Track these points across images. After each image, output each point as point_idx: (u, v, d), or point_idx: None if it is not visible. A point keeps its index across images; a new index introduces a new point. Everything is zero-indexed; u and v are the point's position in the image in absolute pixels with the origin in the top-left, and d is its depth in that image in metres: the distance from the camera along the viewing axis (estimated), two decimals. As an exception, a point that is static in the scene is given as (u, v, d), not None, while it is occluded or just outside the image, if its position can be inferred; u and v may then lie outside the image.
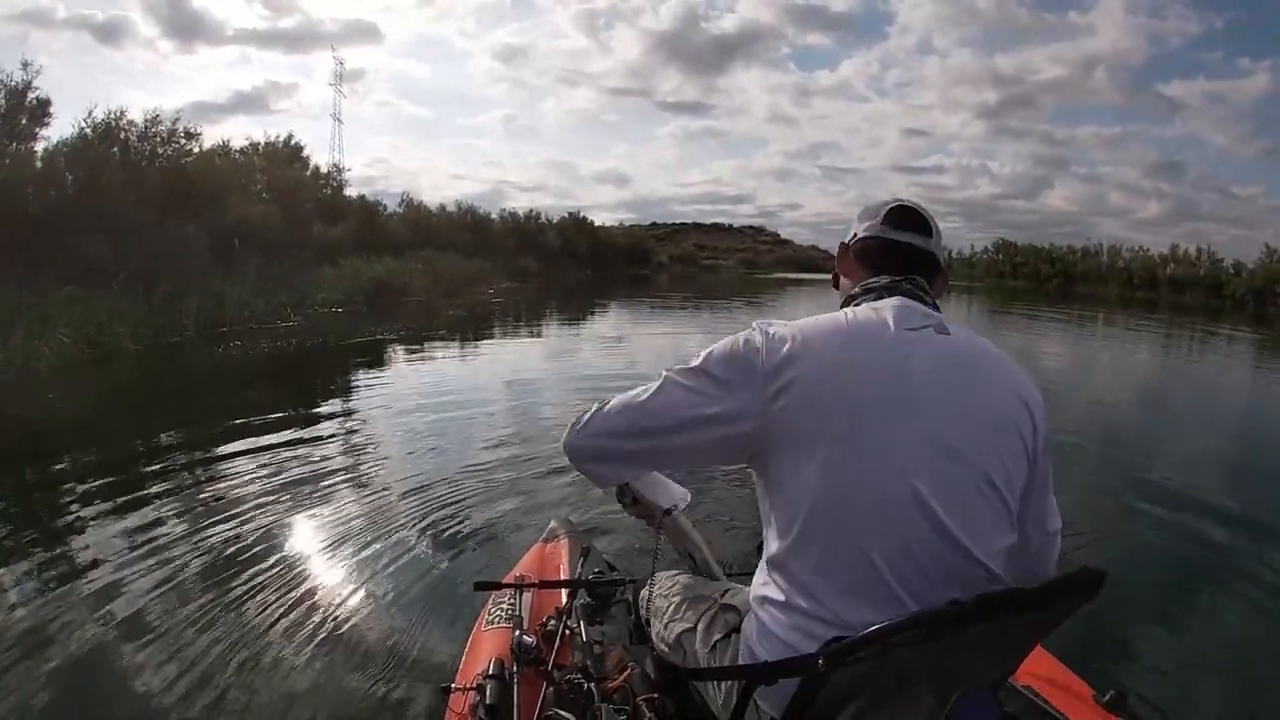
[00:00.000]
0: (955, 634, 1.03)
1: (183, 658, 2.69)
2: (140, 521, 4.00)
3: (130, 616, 2.99)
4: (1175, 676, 2.80)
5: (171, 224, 14.41)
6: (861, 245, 1.44)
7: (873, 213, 1.45)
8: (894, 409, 1.17)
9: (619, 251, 67.52)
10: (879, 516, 1.15)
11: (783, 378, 1.18)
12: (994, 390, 1.25)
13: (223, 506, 4.22)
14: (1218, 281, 49.35)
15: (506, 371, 9.88)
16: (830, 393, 1.17)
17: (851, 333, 1.24)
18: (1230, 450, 7.05)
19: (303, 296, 15.94)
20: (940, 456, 1.16)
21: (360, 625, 2.99)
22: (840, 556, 1.16)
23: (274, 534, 3.89)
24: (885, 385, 1.18)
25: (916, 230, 1.42)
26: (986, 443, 1.20)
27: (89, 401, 7.59)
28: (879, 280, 1.37)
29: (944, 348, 1.24)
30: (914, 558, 1.14)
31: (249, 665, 2.67)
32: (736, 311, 23.65)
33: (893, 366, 1.20)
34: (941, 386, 1.20)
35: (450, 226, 36.47)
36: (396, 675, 2.63)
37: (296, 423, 6.33)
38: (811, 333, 1.23)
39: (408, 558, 3.65)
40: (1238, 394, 11.66)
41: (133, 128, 16.44)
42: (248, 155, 23.53)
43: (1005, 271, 67.20)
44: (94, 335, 9.78)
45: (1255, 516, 4.67)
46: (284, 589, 3.27)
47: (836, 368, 1.19)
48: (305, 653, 2.77)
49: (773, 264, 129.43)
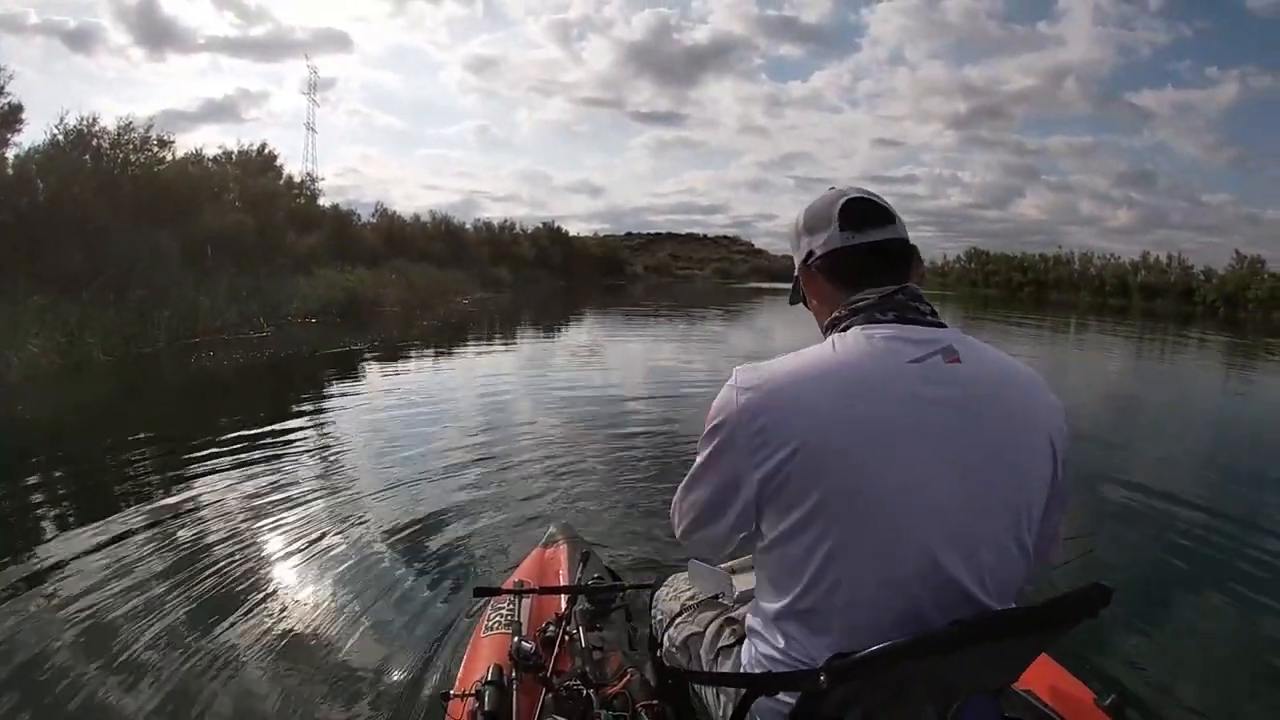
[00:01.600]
0: (957, 652, 1.02)
1: (176, 669, 2.63)
2: (120, 531, 3.89)
3: (113, 632, 2.90)
4: (1176, 680, 2.79)
5: (144, 232, 14.27)
6: (828, 261, 1.26)
7: (823, 219, 1.27)
8: (904, 475, 1.07)
9: (594, 261, 67.93)
10: (891, 593, 1.09)
11: (770, 443, 1.09)
12: (1013, 426, 1.15)
13: (211, 521, 4.12)
14: (1189, 288, 50.45)
15: (492, 381, 9.84)
16: (827, 458, 1.07)
17: (844, 378, 1.11)
18: (1222, 451, 7.15)
19: (276, 306, 15.80)
20: (958, 520, 1.09)
21: (359, 632, 2.96)
22: (844, 617, 1.10)
23: (269, 544, 3.83)
24: (890, 446, 1.07)
25: (880, 223, 1.25)
26: (1009, 495, 1.13)
27: (60, 413, 7.46)
28: (866, 298, 1.21)
29: (954, 382, 1.11)
30: (926, 615, 1.08)
31: (248, 673, 2.63)
32: (713, 320, 23.80)
33: (898, 421, 1.08)
34: (956, 439, 1.09)
35: (424, 236, 36.53)
36: (396, 681, 2.61)
37: (280, 435, 6.23)
38: (799, 384, 1.12)
39: (406, 564, 3.63)
40: (1224, 396, 11.91)
41: (105, 135, 16.38)
42: (221, 164, 23.38)
43: (978, 280, 68.17)
44: (64, 345, 9.64)
45: (1253, 518, 4.71)
46: (282, 598, 3.24)
47: (833, 426, 1.08)
48: (304, 660, 2.74)
49: (747, 274, 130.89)
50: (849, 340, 1.15)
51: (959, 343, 1.14)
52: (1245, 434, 8.27)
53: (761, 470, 1.10)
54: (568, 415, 7.18)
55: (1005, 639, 1.07)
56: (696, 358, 12.83)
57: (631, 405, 7.94)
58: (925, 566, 1.07)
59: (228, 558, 3.64)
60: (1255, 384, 13.48)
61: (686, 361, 12.30)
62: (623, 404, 8.05)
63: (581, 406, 7.70)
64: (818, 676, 1.03)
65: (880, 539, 1.07)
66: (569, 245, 63.03)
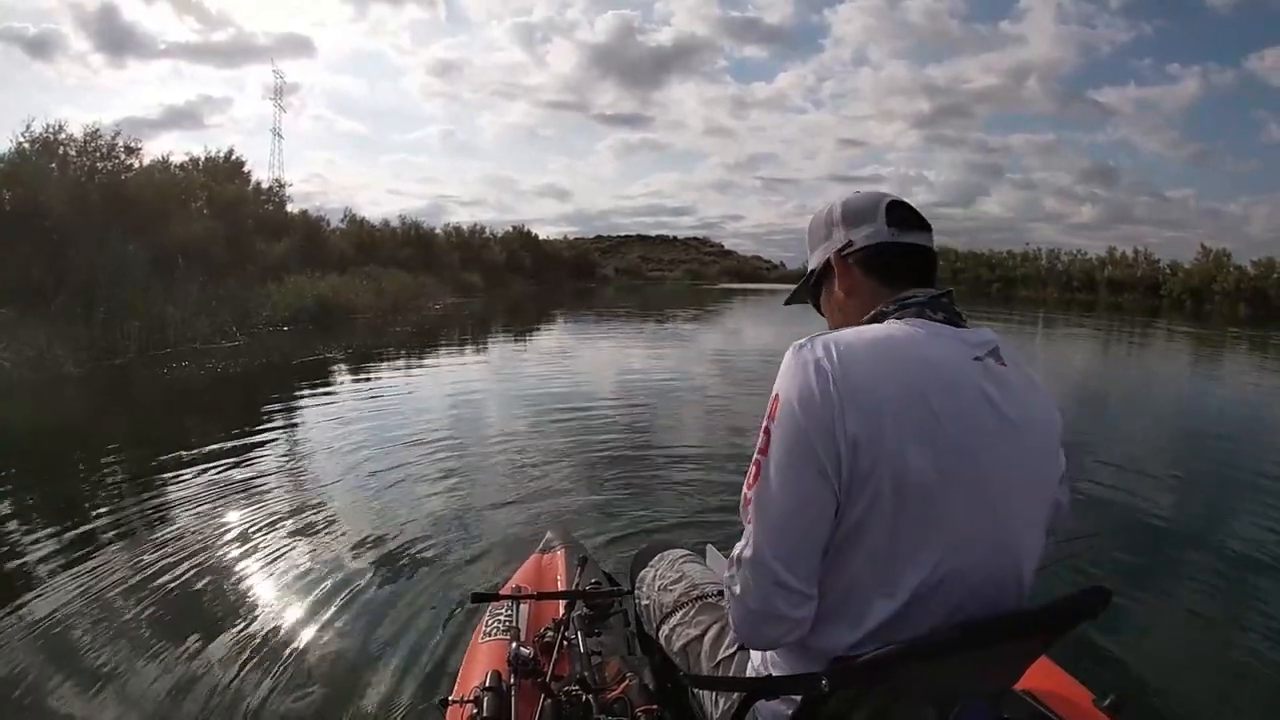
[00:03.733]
0: (960, 654, 1.02)
1: (171, 683, 2.63)
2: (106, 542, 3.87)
3: (101, 646, 2.88)
4: (1175, 680, 2.81)
5: (113, 241, 14.04)
6: (869, 253, 1.23)
7: (867, 213, 1.25)
8: (973, 477, 1.04)
9: (564, 264, 68.23)
10: (919, 601, 1.05)
11: (850, 422, 1.01)
12: (1045, 438, 1.15)
13: (197, 534, 4.06)
14: (1155, 282, 51.09)
15: (474, 386, 9.82)
16: (887, 446, 1.01)
17: (915, 357, 1.07)
18: (1220, 448, 7.16)
19: (246, 315, 15.60)
20: (999, 533, 1.08)
21: (357, 639, 2.97)
22: (856, 627, 1.08)
23: (260, 555, 3.81)
24: (963, 437, 1.04)
25: (921, 228, 1.24)
26: (1041, 492, 1.14)
27: (35, 427, 7.29)
28: (916, 296, 1.17)
29: (1006, 385, 1.10)
30: (948, 612, 1.06)
31: (245, 683, 2.63)
32: (688, 321, 23.86)
33: (970, 414, 1.05)
34: (1013, 437, 1.08)
35: (394, 241, 36.39)
36: (394, 688, 2.62)
37: (263, 445, 6.19)
38: (875, 359, 1.06)
39: (402, 571, 3.63)
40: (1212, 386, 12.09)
41: (72, 142, 16.14)
42: (188, 170, 23.12)
43: (946, 278, 68.63)
44: (34, 359, 9.48)
45: (1253, 516, 4.70)
46: (277, 608, 3.25)
47: (904, 413, 1.02)
48: (301, 669, 2.74)
49: (718, 275, 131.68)
50: (914, 326, 1.12)
51: (1002, 346, 1.14)
52: (1239, 429, 8.21)
53: (841, 449, 1.02)
54: (557, 419, 7.17)
55: (1007, 641, 1.08)
56: (688, 361, 12.85)
57: (622, 407, 7.97)
58: (949, 601, 1.05)
59: (217, 569, 3.62)
60: (1233, 374, 13.71)
61: (677, 364, 12.31)
62: (613, 407, 8.05)
63: (571, 410, 7.69)
64: (819, 680, 1.02)
65: (924, 537, 1.03)
66: (539, 248, 63.17)
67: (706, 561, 1.82)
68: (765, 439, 1.08)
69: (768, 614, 1.08)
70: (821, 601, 1.09)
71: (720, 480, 5.01)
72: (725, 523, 4.07)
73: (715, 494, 4.74)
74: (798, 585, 1.06)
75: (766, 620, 1.09)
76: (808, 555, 1.06)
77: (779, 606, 1.07)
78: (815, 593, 1.08)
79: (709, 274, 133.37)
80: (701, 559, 1.87)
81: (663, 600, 1.71)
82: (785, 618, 1.08)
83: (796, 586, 1.06)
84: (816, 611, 1.10)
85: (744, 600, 1.10)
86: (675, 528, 4.15)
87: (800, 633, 1.09)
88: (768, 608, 1.08)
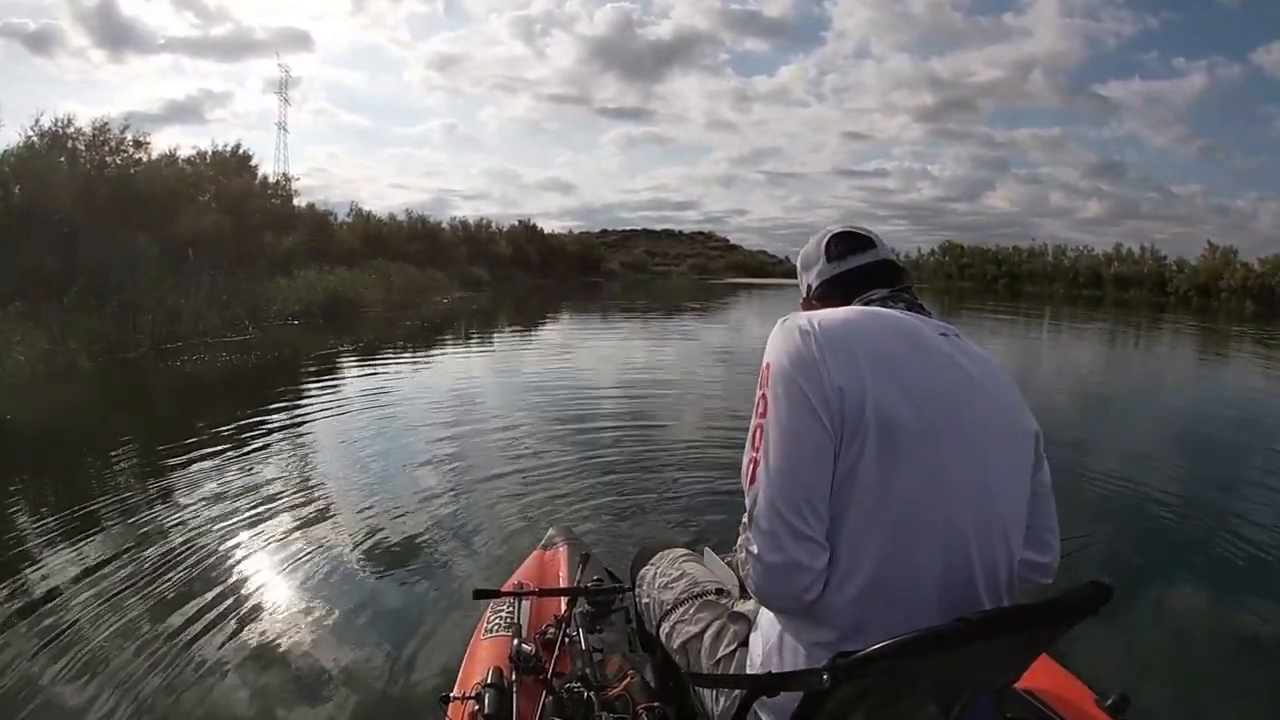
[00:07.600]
0: (960, 649, 1.02)
1: (175, 676, 2.66)
2: (116, 538, 3.91)
3: (107, 639, 2.91)
4: (1177, 680, 2.81)
5: (123, 234, 14.05)
6: (823, 288, 1.39)
7: (813, 256, 1.43)
8: (954, 425, 1.13)
9: (570, 259, 67.83)
10: (903, 586, 1.11)
11: (833, 384, 1.10)
12: (1008, 388, 1.23)
13: (204, 527, 4.11)
14: (1162, 278, 50.72)
15: (482, 381, 9.86)
16: (883, 400, 1.09)
17: (888, 325, 1.19)
18: (1219, 445, 7.14)
19: (257, 308, 15.62)
20: (985, 480, 1.15)
21: (359, 634, 2.99)
22: (860, 581, 1.12)
23: (265, 549, 3.85)
24: (940, 390, 1.14)
25: (861, 249, 1.39)
26: (1020, 441, 1.21)
27: (50, 420, 7.38)
28: (876, 294, 1.33)
29: (971, 353, 1.21)
30: (939, 584, 1.12)
31: (246, 677, 2.67)
32: (699, 316, 23.79)
33: (943, 370, 1.16)
34: (986, 392, 1.17)
35: (401, 236, 36.32)
36: (395, 684, 2.64)
37: (271, 439, 6.23)
38: (850, 325, 1.17)
39: (404, 567, 3.65)
40: (1214, 384, 12.03)
41: (81, 136, 16.15)
42: (195, 164, 23.09)
43: (952, 273, 68.28)
44: (48, 352, 9.50)
45: (1253, 515, 4.70)
46: (280, 602, 3.27)
47: (885, 361, 1.13)
48: (303, 664, 2.77)
49: (723, 269, 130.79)
50: (880, 309, 1.26)
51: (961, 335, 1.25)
52: (1240, 426, 8.17)
53: (829, 395, 1.10)
54: (562, 416, 7.16)
55: (1008, 635, 1.09)
56: (694, 358, 12.77)
57: (628, 406, 7.93)
58: (947, 553, 1.11)
59: (223, 563, 3.65)
60: (1237, 372, 13.64)
61: (683, 361, 12.20)
62: (618, 405, 8.03)
63: (576, 407, 7.69)
64: (820, 676, 1.00)
65: (915, 480, 1.09)
66: (545, 243, 62.93)
67: (704, 562, 1.83)
68: (762, 404, 1.17)
69: (787, 564, 1.12)
70: (825, 593, 1.13)
71: (722, 480, 4.98)
72: (726, 522, 4.02)
73: (717, 493, 4.73)
74: (810, 532, 1.11)
75: (786, 571, 1.12)
76: (816, 500, 1.11)
77: (796, 554, 1.11)
78: (827, 544, 1.12)
79: (715, 269, 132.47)
80: (701, 559, 1.88)
81: (663, 598, 1.72)
82: (803, 566, 1.11)
83: (809, 533, 1.11)
84: (817, 604, 1.14)
85: (762, 557, 1.14)
86: (677, 526, 4.17)
87: (817, 590, 1.12)
88: (786, 558, 1.11)
